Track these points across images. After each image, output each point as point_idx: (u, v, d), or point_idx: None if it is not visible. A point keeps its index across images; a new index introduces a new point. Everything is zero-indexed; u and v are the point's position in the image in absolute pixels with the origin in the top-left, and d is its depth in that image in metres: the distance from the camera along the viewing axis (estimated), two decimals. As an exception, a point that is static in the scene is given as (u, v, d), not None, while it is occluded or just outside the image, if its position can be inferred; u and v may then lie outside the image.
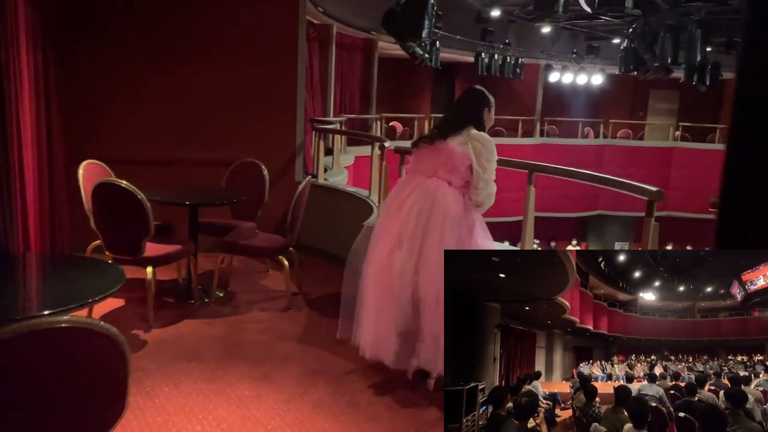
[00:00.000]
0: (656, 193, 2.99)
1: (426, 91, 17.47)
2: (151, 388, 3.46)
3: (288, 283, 4.90)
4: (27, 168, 4.75)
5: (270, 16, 6.21)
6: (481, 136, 3.51)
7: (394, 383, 3.67)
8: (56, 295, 2.78)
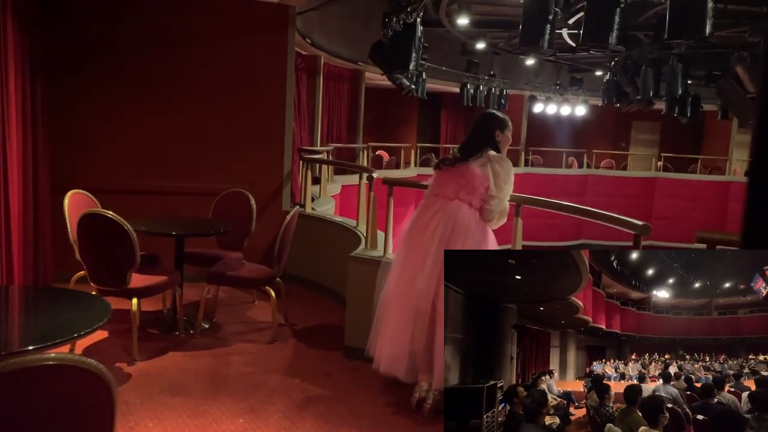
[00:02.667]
0: (643, 227, 3.02)
1: (412, 121, 17.62)
2: (135, 423, 3.39)
3: (274, 314, 4.86)
4: (12, 198, 4.71)
5: (258, 47, 6.26)
6: (499, 158, 3.70)
7: (385, 416, 3.64)
8: (41, 329, 2.73)
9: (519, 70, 14.90)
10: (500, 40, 12.10)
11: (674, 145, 17.44)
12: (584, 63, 13.55)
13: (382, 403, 3.81)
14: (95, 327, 2.66)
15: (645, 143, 18.86)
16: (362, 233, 5.14)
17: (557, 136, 17.42)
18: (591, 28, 5.13)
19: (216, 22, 6.18)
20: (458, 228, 3.58)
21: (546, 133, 17.28)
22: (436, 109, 17.04)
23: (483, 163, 3.68)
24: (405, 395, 3.77)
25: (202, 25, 6.16)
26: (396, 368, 3.70)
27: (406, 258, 3.77)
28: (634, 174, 16.62)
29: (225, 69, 6.21)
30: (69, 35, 5.80)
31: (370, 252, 4.70)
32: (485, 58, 12.99)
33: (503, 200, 3.68)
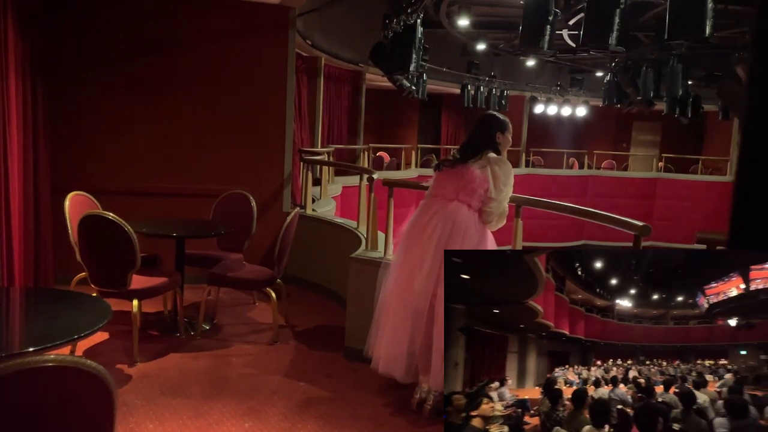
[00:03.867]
0: (643, 228, 3.03)
1: (413, 122, 17.62)
2: (135, 425, 3.39)
3: (275, 315, 4.86)
4: (13, 199, 4.71)
5: (259, 48, 6.26)
6: (499, 161, 3.70)
7: (385, 417, 3.64)
8: (41, 331, 2.73)
9: (519, 71, 14.90)
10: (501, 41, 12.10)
11: (675, 146, 17.43)
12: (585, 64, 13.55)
13: (382, 404, 3.81)
14: (96, 328, 2.67)
15: (646, 144, 18.85)
16: (363, 234, 5.14)
17: (558, 137, 17.42)
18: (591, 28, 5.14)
19: (216, 24, 6.19)
20: (457, 229, 3.59)
21: (547, 134, 17.28)
22: (437, 110, 17.04)
23: (483, 165, 3.68)
24: (405, 396, 3.77)
25: (202, 27, 6.16)
26: (394, 369, 3.71)
27: (404, 258, 3.78)
28: (635, 175, 16.61)
29: (225, 71, 6.22)
30: (70, 38, 5.81)
31: (371, 253, 4.70)
32: (486, 59, 12.99)
33: (502, 202, 3.68)
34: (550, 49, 5.24)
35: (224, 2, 6.18)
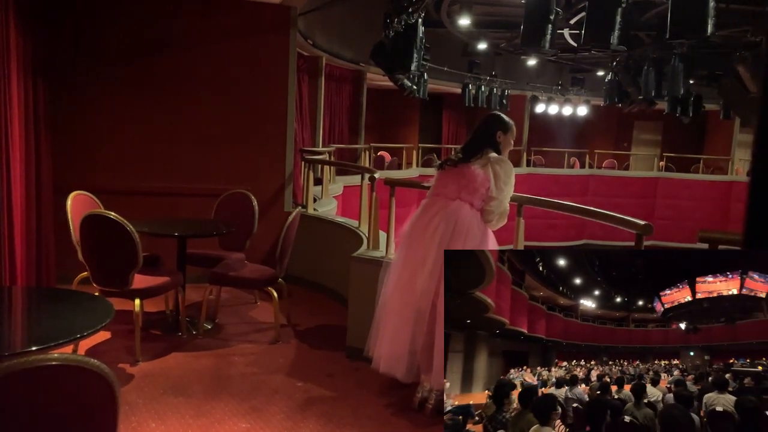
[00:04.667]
0: (645, 227, 3.02)
1: (414, 122, 17.62)
2: (138, 424, 3.40)
3: (277, 314, 4.86)
4: (15, 199, 4.71)
5: (260, 48, 6.27)
6: (500, 160, 3.70)
7: (387, 416, 3.64)
8: (44, 330, 2.74)
9: (520, 71, 14.90)
10: (502, 40, 12.11)
11: (676, 145, 17.42)
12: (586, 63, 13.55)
13: (384, 403, 3.82)
14: (98, 328, 2.67)
15: (647, 143, 18.84)
16: (364, 234, 5.15)
17: (559, 137, 17.41)
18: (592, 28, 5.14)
19: (218, 23, 6.19)
20: (459, 228, 3.59)
21: (548, 134, 17.27)
22: (438, 109, 17.04)
23: (483, 164, 3.68)
24: (407, 396, 3.78)
25: (204, 26, 6.17)
26: (395, 368, 3.71)
27: (406, 258, 3.77)
28: (637, 174, 16.61)
29: (227, 70, 6.22)
30: (71, 38, 5.81)
31: (372, 252, 4.70)
32: (487, 59, 12.99)
33: (503, 201, 3.68)
34: (552, 48, 5.25)
35: (225, 2, 6.18)
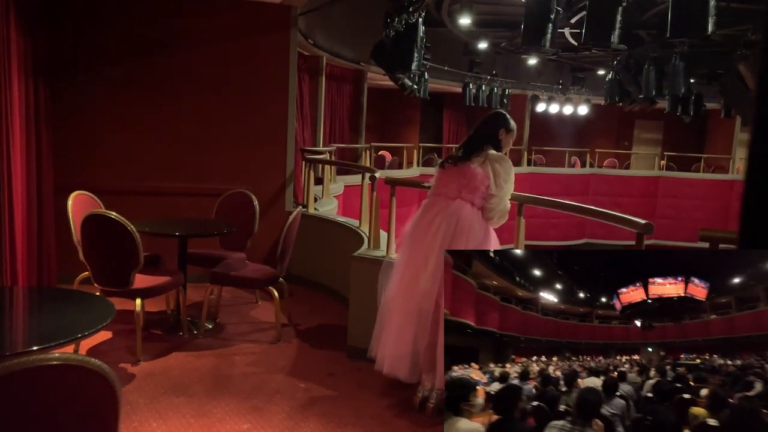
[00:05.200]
0: (645, 226, 3.02)
1: (415, 121, 17.62)
2: (139, 423, 3.40)
3: (278, 314, 4.87)
4: (16, 199, 4.72)
5: (260, 48, 6.27)
6: (499, 157, 3.69)
7: (388, 416, 3.64)
8: (45, 330, 2.74)
9: (521, 70, 14.89)
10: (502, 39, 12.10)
11: (677, 144, 17.41)
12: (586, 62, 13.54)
13: (385, 403, 3.82)
14: (99, 327, 2.67)
15: (648, 142, 18.83)
16: (365, 233, 5.15)
17: (560, 136, 17.41)
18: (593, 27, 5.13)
19: (218, 23, 6.19)
20: (461, 227, 3.58)
21: (548, 133, 17.27)
22: (439, 109, 17.04)
23: (482, 162, 3.67)
24: (408, 395, 3.78)
25: (204, 26, 6.17)
26: (399, 369, 3.70)
27: (408, 258, 3.76)
28: (637, 173, 16.60)
29: (227, 70, 6.22)
30: (72, 38, 5.81)
31: (373, 252, 4.70)
32: (487, 58, 12.98)
33: (503, 199, 3.67)
34: (552, 47, 5.24)
35: (225, 2, 6.18)
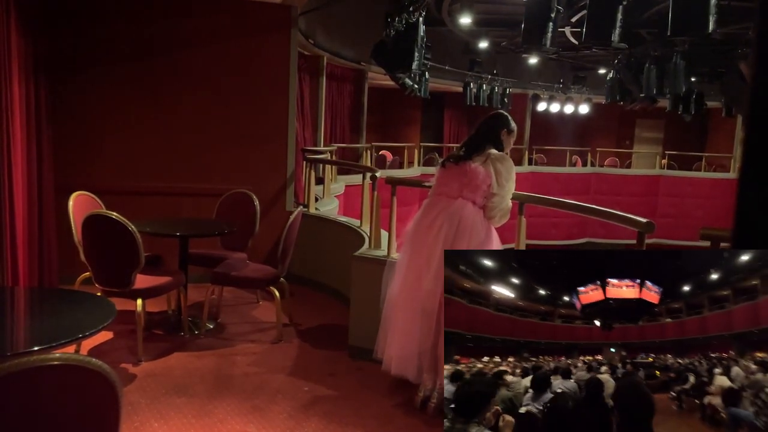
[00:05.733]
0: (646, 225, 3.01)
1: (415, 121, 17.62)
2: (140, 424, 3.40)
3: (279, 314, 4.87)
4: (17, 200, 4.72)
5: (261, 48, 6.27)
6: (500, 157, 3.70)
7: (390, 415, 3.64)
8: (46, 330, 2.74)
9: (522, 69, 14.87)
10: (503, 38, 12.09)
11: (678, 143, 17.39)
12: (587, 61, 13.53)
13: (387, 402, 3.82)
14: (100, 328, 2.67)
15: (649, 141, 18.81)
16: (366, 233, 5.14)
17: (561, 135, 17.40)
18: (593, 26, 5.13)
19: (218, 23, 6.19)
20: (463, 226, 3.58)
21: (549, 132, 17.26)
22: (439, 108, 17.04)
23: (484, 161, 3.68)
24: (410, 395, 3.78)
25: (204, 26, 6.17)
26: (406, 369, 3.69)
27: (410, 258, 3.76)
28: (639, 172, 16.59)
29: (228, 70, 6.22)
30: (73, 38, 5.81)
31: (374, 252, 4.70)
32: (488, 57, 12.97)
33: (505, 198, 3.67)
34: (553, 46, 5.24)
35: (226, 2, 6.19)
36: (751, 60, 0.74)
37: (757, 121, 0.73)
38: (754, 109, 0.73)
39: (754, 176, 0.74)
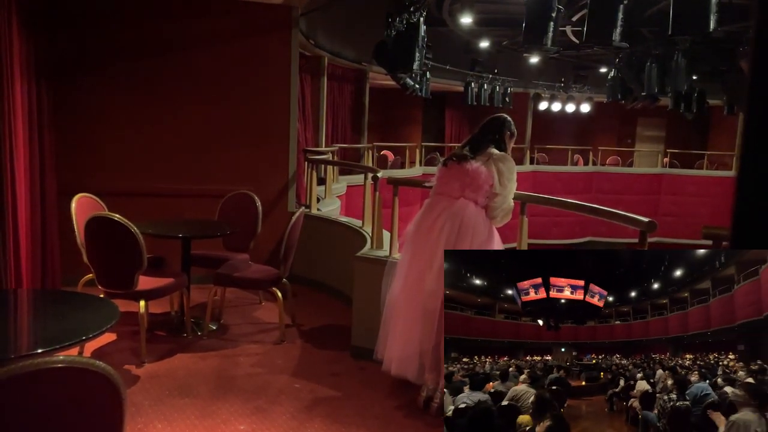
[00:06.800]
0: (648, 224, 3.01)
1: (417, 121, 17.61)
2: (144, 425, 3.41)
3: (281, 314, 4.87)
4: (19, 202, 4.73)
5: (262, 48, 6.27)
6: (502, 157, 3.71)
7: (392, 416, 3.64)
8: (49, 332, 2.74)
9: (523, 68, 14.84)
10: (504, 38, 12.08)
11: (680, 141, 17.36)
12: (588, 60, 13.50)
13: (389, 403, 3.82)
14: (103, 329, 2.68)
15: (651, 140, 18.78)
16: (368, 233, 5.15)
17: (562, 134, 17.38)
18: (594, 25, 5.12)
19: (219, 24, 6.20)
20: (465, 226, 3.58)
21: (551, 131, 17.24)
22: (441, 108, 17.03)
23: (485, 161, 3.68)
24: (412, 395, 3.78)
25: (205, 27, 6.18)
26: (406, 369, 3.69)
27: (412, 258, 3.75)
28: (640, 171, 16.57)
29: (229, 71, 6.23)
30: (74, 40, 5.82)
31: (376, 252, 4.70)
32: (489, 57, 12.95)
33: (507, 197, 3.68)
34: (554, 45, 5.23)
35: (227, 3, 6.19)
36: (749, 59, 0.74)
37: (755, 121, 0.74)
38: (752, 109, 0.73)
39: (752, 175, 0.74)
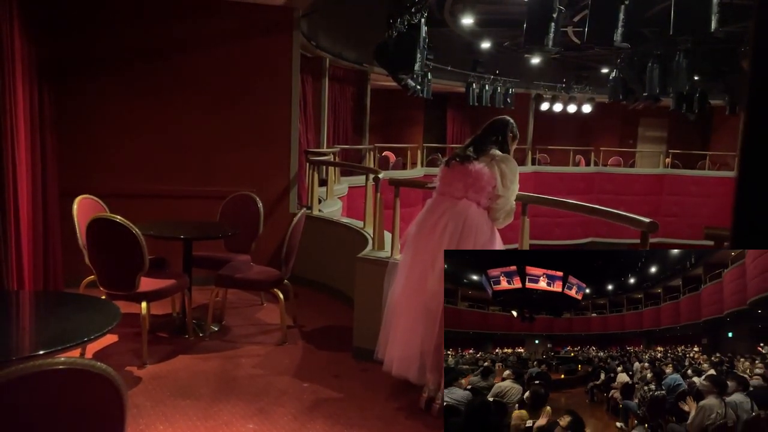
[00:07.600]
0: (650, 225, 3.01)
1: (418, 122, 17.61)
2: (146, 426, 3.41)
3: (283, 315, 4.87)
4: (21, 203, 4.73)
5: (264, 50, 6.28)
6: (505, 158, 3.71)
7: (394, 416, 3.64)
8: (51, 334, 2.74)
9: (524, 69, 14.83)
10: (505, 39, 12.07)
11: (682, 142, 17.34)
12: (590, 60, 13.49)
13: (391, 404, 3.82)
14: (105, 331, 2.68)
15: (653, 140, 18.76)
16: (369, 234, 5.15)
17: (564, 135, 17.36)
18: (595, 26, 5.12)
19: (221, 26, 6.21)
20: (468, 227, 3.58)
21: (552, 132, 17.23)
22: (442, 109, 17.03)
23: (488, 162, 3.68)
24: (414, 396, 3.78)
25: (207, 29, 6.18)
26: (407, 370, 3.69)
27: (414, 259, 3.75)
28: (642, 171, 16.54)
29: (230, 72, 6.23)
30: (76, 42, 5.83)
31: (378, 253, 4.70)
32: (490, 57, 12.95)
33: (510, 199, 3.67)
34: (555, 46, 5.23)
35: (228, 4, 6.20)
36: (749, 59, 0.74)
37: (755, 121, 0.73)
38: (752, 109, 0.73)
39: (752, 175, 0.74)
